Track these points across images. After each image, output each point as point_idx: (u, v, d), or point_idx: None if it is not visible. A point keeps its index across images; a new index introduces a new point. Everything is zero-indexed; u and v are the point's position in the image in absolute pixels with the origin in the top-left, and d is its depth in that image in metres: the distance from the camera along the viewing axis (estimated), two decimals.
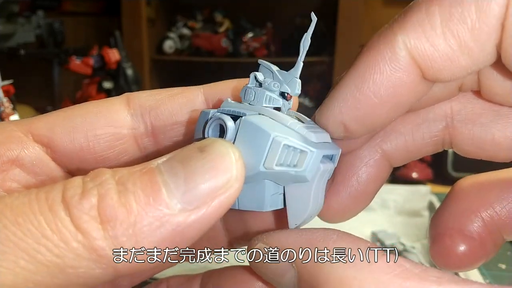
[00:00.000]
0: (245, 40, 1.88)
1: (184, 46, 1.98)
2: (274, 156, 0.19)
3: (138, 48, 1.85)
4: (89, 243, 0.15)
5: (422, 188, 0.73)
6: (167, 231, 0.16)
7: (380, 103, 0.19)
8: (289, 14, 1.88)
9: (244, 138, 0.19)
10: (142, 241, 0.15)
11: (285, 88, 0.21)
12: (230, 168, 0.17)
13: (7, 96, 0.78)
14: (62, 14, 1.84)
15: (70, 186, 0.16)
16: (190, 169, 0.16)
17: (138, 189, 0.16)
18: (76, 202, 0.15)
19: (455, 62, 0.18)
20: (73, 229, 0.15)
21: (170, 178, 0.16)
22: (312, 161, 0.20)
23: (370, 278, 0.15)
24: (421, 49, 0.18)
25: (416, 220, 0.67)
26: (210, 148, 0.17)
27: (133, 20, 1.85)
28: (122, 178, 0.16)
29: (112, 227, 0.15)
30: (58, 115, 0.23)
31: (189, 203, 0.16)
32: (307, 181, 0.20)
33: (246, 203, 0.21)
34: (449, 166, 0.86)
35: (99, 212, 0.15)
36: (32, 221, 0.15)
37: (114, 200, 0.15)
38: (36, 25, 1.43)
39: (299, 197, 0.21)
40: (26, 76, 1.26)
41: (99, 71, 1.28)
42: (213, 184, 0.16)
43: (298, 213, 0.21)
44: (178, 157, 0.17)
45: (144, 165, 0.17)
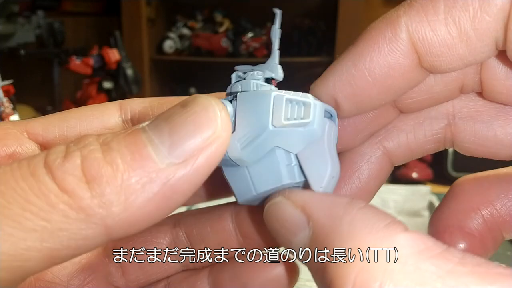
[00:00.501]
0: (245, 40, 1.88)
1: (184, 46, 1.98)
2: (280, 111, 0.19)
3: (138, 48, 1.85)
4: (76, 203, 0.15)
5: (422, 188, 0.73)
6: (157, 186, 0.15)
7: (373, 82, 0.19)
8: (289, 14, 1.88)
9: (244, 109, 0.19)
10: (131, 197, 0.15)
11: (268, 74, 0.21)
12: (214, 119, 0.16)
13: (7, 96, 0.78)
14: (62, 14, 1.84)
15: (53, 151, 0.16)
16: (174, 124, 0.16)
17: (122, 147, 0.15)
18: (59, 164, 0.15)
19: (453, 49, 0.18)
20: (58, 191, 0.15)
21: (155, 135, 0.16)
22: (317, 112, 0.19)
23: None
24: (422, 33, 0.18)
25: (416, 220, 0.67)
26: (192, 103, 0.17)
27: (133, 20, 1.85)
28: (106, 140, 0.16)
29: (98, 185, 0.15)
30: (54, 117, 0.24)
31: (176, 157, 0.16)
32: (318, 136, 0.20)
33: (262, 183, 0.20)
34: (449, 166, 0.86)
35: (83, 172, 0.15)
36: (15, 188, 0.14)
37: (99, 158, 0.15)
38: (36, 25, 1.43)
39: (316, 157, 0.20)
40: (26, 76, 1.26)
41: (99, 71, 1.28)
42: (198, 136, 0.16)
43: (320, 175, 0.20)
44: (162, 116, 0.17)
45: (128, 128, 0.17)
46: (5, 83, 0.78)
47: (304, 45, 1.85)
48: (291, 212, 0.19)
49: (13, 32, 1.36)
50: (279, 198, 0.19)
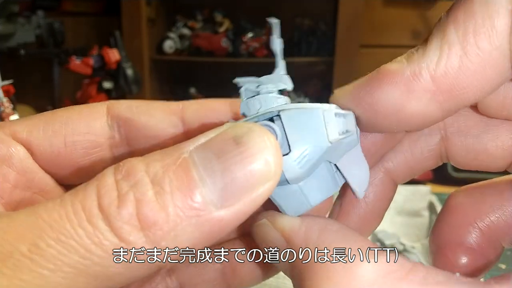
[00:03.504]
0: (245, 40, 1.88)
1: (184, 46, 1.98)
2: (333, 126, 0.19)
3: (138, 48, 1.85)
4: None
5: (422, 188, 0.73)
6: (206, 229, 0.16)
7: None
8: (289, 14, 1.87)
9: (294, 128, 0.19)
10: (182, 241, 0.16)
11: (280, 85, 0.21)
12: (268, 163, 0.16)
13: (7, 96, 0.78)
14: (62, 14, 1.84)
15: (104, 190, 0.16)
16: (227, 164, 0.16)
17: (175, 189, 0.15)
18: (115, 212, 0.15)
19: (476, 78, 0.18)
20: (116, 240, 0.15)
21: (206, 173, 0.16)
22: (354, 121, 0.20)
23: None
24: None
25: (416, 220, 0.67)
26: (246, 140, 0.16)
27: (133, 20, 1.85)
28: (157, 176, 0.16)
29: (153, 234, 0.15)
30: (40, 119, 0.23)
31: (226, 200, 0.16)
32: (356, 144, 0.20)
33: (316, 196, 0.20)
34: (449, 166, 0.86)
35: (139, 220, 0.15)
36: (74, 237, 0.15)
37: (152, 204, 0.15)
38: (36, 25, 1.43)
39: (356, 163, 0.21)
40: (26, 76, 1.26)
41: (99, 71, 1.28)
42: (250, 180, 0.16)
43: (361, 179, 0.21)
44: (212, 148, 0.16)
45: (175, 153, 0.16)
46: (5, 83, 0.78)
47: (304, 45, 1.85)
48: (273, 235, 0.19)
49: (13, 32, 1.36)
50: (264, 221, 0.20)
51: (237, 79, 0.21)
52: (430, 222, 0.63)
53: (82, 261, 0.15)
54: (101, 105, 0.24)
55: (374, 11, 1.79)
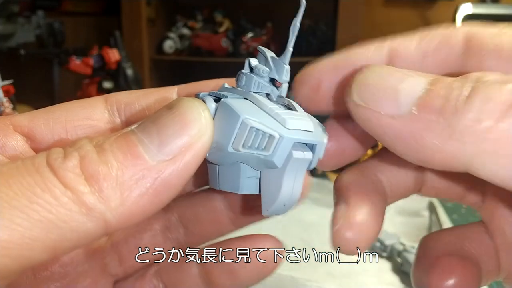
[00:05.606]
0: (245, 40, 1.88)
1: (184, 46, 1.98)
2: (241, 137, 0.19)
3: (138, 48, 1.85)
4: (78, 198, 0.16)
5: None
6: (149, 181, 0.17)
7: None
8: (289, 14, 1.87)
9: (220, 119, 0.20)
10: (126, 192, 0.16)
11: (273, 74, 0.21)
12: (198, 118, 0.18)
13: (7, 96, 0.78)
14: (62, 14, 1.84)
15: (53, 152, 0.17)
16: (162, 125, 0.17)
17: (114, 148, 0.17)
18: (60, 163, 0.16)
19: None
20: (62, 186, 0.16)
21: (144, 135, 0.17)
22: (281, 147, 0.19)
23: None
24: None
25: (416, 220, 0.67)
26: (177, 104, 0.18)
27: (133, 20, 1.85)
28: (99, 142, 0.17)
29: (96, 182, 0.16)
30: (40, 110, 0.24)
31: (165, 155, 0.17)
32: (276, 167, 0.20)
33: (224, 184, 0.22)
34: None
35: (82, 170, 0.16)
36: (22, 182, 0.15)
37: (94, 158, 0.16)
38: (36, 25, 1.43)
39: (271, 183, 0.21)
40: (26, 76, 1.26)
41: (99, 71, 1.28)
42: (185, 134, 0.17)
43: (270, 199, 0.21)
44: (149, 118, 0.18)
45: (118, 131, 0.18)
46: (5, 83, 0.78)
47: (304, 45, 1.85)
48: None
49: (13, 32, 1.36)
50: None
51: (258, 47, 0.22)
52: (430, 222, 0.63)
53: (30, 204, 0.15)
54: (99, 97, 0.25)
55: (374, 11, 1.79)
